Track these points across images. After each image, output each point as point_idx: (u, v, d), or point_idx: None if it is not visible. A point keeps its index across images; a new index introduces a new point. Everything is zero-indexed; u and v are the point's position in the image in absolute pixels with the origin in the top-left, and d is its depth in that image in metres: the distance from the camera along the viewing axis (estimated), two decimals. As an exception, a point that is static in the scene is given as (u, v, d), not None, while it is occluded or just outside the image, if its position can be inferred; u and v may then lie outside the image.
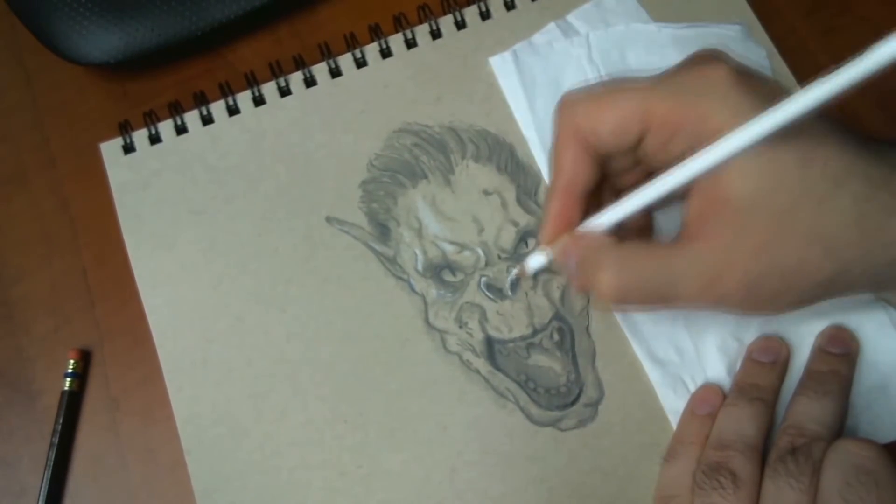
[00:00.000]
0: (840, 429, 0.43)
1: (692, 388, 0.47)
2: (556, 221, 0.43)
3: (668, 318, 0.48)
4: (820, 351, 0.46)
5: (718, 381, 0.47)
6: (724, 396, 0.46)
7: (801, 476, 0.40)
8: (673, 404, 0.47)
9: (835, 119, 0.38)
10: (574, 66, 0.53)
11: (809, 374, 0.46)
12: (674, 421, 0.47)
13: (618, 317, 0.48)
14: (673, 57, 0.45)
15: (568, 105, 0.42)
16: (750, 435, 0.43)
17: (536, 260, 0.45)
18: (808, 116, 0.35)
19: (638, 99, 0.40)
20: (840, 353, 0.46)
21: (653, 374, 0.47)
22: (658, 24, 0.54)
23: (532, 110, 0.52)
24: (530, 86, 0.53)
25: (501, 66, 0.54)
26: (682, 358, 0.47)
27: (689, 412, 0.46)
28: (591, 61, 0.53)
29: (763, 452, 0.43)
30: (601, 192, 0.45)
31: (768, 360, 0.46)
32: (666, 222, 0.48)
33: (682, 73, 0.40)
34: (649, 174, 0.41)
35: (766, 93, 0.37)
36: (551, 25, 0.55)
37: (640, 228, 0.47)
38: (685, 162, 0.39)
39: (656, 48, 0.53)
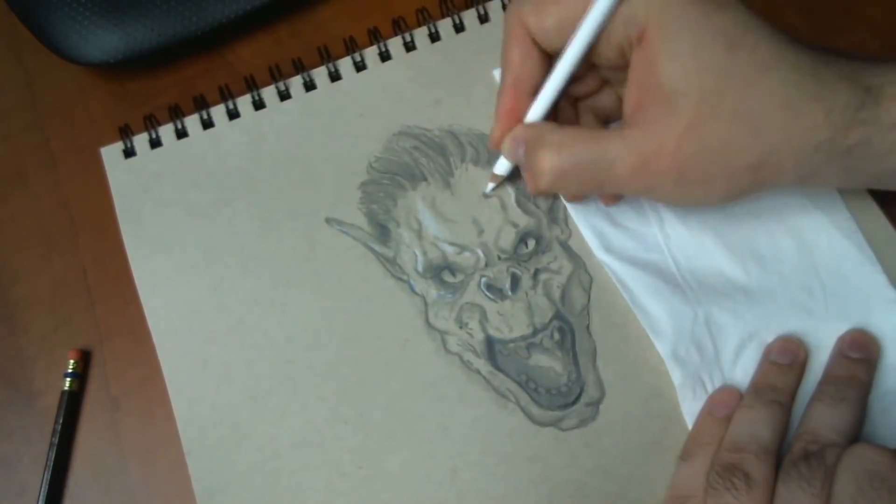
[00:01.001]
0: (856, 435, 0.43)
1: (710, 389, 0.47)
2: (506, 118, 0.46)
3: (690, 316, 0.48)
4: (840, 355, 0.46)
5: (735, 382, 0.47)
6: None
7: (813, 480, 0.40)
8: (691, 406, 0.46)
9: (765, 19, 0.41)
10: None
11: (828, 378, 0.46)
12: (691, 423, 0.46)
13: (638, 315, 0.48)
14: None
15: (515, 4, 0.44)
16: (765, 437, 0.43)
17: (502, 163, 0.49)
18: None
19: None
20: (860, 357, 0.46)
21: (675, 375, 0.47)
22: None
23: None
24: None
25: None
26: (703, 357, 0.47)
27: (707, 413, 0.46)
28: None
29: (778, 455, 0.43)
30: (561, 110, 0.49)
31: (786, 361, 0.46)
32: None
33: None
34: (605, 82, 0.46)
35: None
36: None
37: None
38: (579, 27, 0.42)
39: None
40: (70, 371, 0.49)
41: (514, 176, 0.51)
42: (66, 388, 0.48)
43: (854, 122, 0.39)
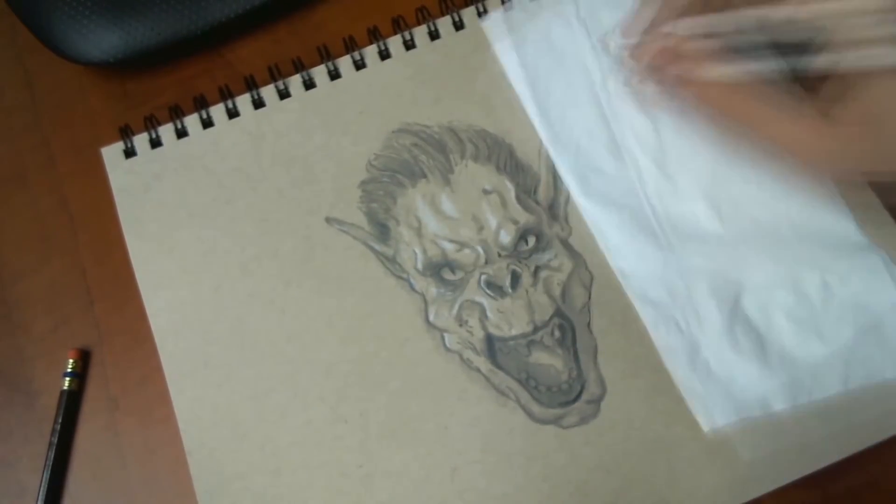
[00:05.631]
0: None
1: (683, 328, 0.47)
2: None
3: (661, 260, 0.49)
4: None
5: (711, 322, 0.47)
6: None
7: None
8: (664, 341, 0.47)
9: None
10: (562, 23, 0.54)
11: None
12: (666, 358, 0.47)
13: (609, 260, 0.49)
14: None
15: None
16: None
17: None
18: None
19: None
20: None
21: (644, 314, 0.48)
22: None
23: (523, 66, 0.53)
24: (521, 43, 0.54)
25: (493, 25, 0.55)
26: (674, 299, 0.48)
27: None
28: (580, 19, 0.54)
29: None
30: None
31: None
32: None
33: None
34: None
35: None
36: None
37: None
38: None
39: None
40: (69, 371, 0.49)
41: (513, 174, 0.51)
42: (65, 388, 0.49)
43: None
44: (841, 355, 0.46)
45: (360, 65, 0.55)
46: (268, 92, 0.54)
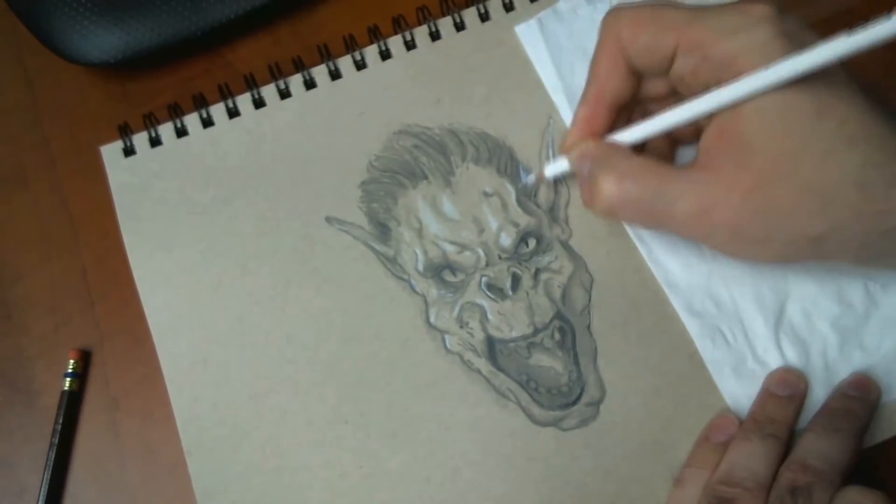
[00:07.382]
0: (849, 470, 0.42)
1: (730, 340, 0.47)
2: (581, 125, 0.46)
3: (705, 271, 0.49)
4: (839, 392, 0.46)
5: (757, 333, 0.47)
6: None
7: None
8: (711, 355, 0.47)
9: (864, 88, 0.39)
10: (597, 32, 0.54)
11: (823, 410, 0.45)
12: (712, 369, 0.47)
13: (653, 269, 0.49)
14: None
15: (613, 16, 0.44)
16: (760, 472, 0.42)
17: (558, 165, 0.48)
18: (827, 66, 0.36)
19: (677, 20, 0.42)
20: (858, 395, 0.45)
21: (690, 325, 0.48)
22: None
23: (560, 76, 0.53)
24: (556, 52, 0.54)
25: (527, 33, 0.54)
26: (720, 310, 0.48)
27: (704, 438, 0.46)
28: None
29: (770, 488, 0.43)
30: (632, 114, 0.48)
31: (785, 393, 0.45)
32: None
33: (726, 7, 0.41)
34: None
35: (802, 42, 0.38)
36: None
37: (662, 156, 0.49)
38: (705, 93, 0.40)
39: None
40: (70, 371, 0.49)
41: (514, 177, 0.51)
42: (66, 388, 0.49)
43: None
44: (882, 366, 0.46)
45: (360, 65, 0.54)
46: (268, 91, 0.54)
